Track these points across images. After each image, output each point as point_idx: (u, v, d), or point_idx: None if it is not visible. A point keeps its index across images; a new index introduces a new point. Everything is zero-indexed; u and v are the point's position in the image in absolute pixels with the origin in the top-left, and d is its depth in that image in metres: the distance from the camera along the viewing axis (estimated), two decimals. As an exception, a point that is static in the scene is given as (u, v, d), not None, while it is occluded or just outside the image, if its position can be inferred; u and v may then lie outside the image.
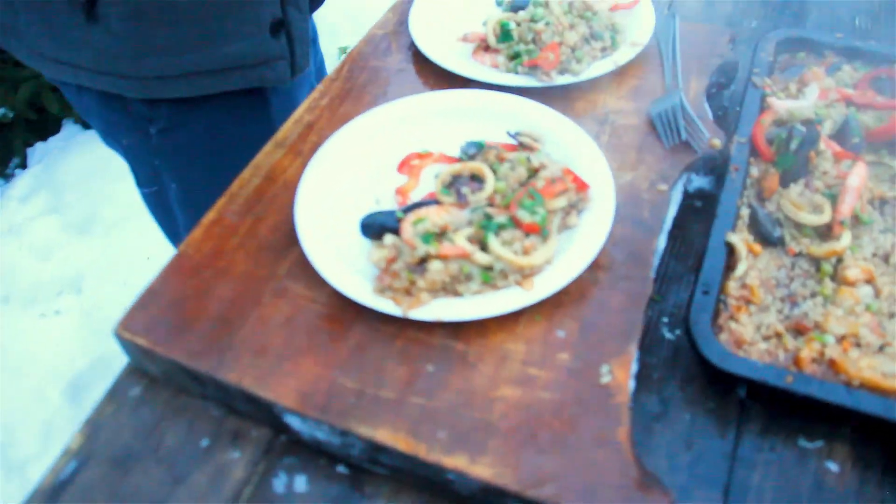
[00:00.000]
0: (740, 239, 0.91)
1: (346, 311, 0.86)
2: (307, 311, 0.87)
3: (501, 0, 1.25)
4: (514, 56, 1.10)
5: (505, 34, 1.11)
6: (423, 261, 0.83)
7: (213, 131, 1.32)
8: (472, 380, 0.79)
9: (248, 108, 1.31)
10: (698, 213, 1.01)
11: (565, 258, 0.85)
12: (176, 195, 1.41)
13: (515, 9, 1.16)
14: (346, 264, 0.88)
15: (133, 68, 1.19)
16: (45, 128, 3.19)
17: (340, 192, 0.97)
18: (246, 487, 0.80)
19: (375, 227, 0.89)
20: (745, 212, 0.95)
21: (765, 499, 0.76)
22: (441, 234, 0.85)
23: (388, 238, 0.87)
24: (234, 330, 0.86)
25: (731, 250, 0.91)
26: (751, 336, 0.85)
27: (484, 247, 0.84)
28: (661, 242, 0.91)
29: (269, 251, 0.93)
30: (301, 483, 0.81)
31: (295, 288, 0.89)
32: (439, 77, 1.13)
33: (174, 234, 1.57)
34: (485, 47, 1.15)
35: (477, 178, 0.91)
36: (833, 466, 0.78)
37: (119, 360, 0.91)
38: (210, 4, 1.17)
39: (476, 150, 0.94)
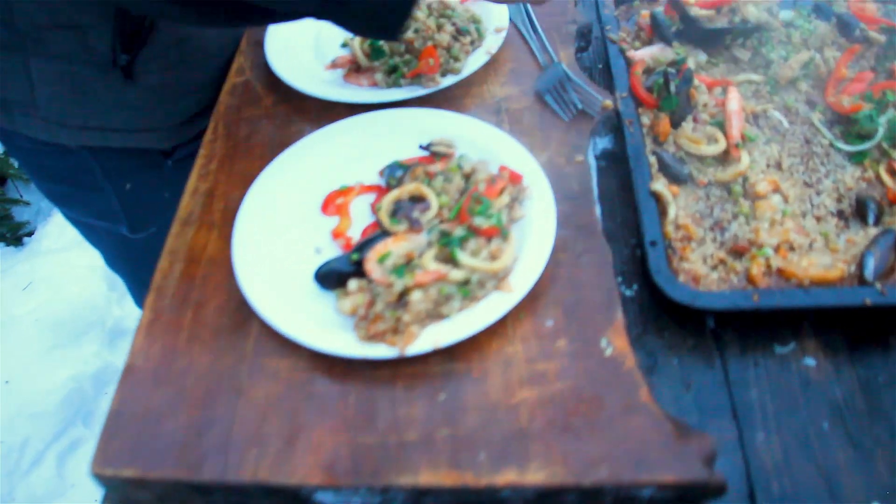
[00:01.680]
0: (662, 185, 0.97)
1: (335, 368, 0.84)
2: (294, 382, 0.83)
3: (350, 18, 1.23)
4: (392, 70, 1.09)
5: (376, 51, 1.10)
6: (402, 294, 0.82)
7: None
8: (487, 394, 0.80)
9: None
10: (606, 171, 1.05)
11: (528, 250, 0.87)
12: None
13: (372, 24, 1.14)
14: (317, 323, 0.84)
15: (166, 118, 1.24)
16: None
17: (277, 253, 0.92)
18: (290, 579, 0.76)
19: (333, 277, 0.87)
20: (651, 160, 1.02)
21: (767, 410, 0.83)
22: (408, 263, 0.84)
23: (353, 283, 0.85)
24: (226, 426, 0.81)
25: (657, 198, 0.97)
26: (703, 270, 0.92)
27: (453, 263, 0.84)
28: (598, 209, 0.95)
29: (225, 335, 0.88)
30: (346, 556, 0.78)
31: (270, 363, 0.85)
32: (322, 109, 1.10)
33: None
34: (356, 68, 1.13)
35: (416, 199, 0.91)
36: (810, 361, 0.87)
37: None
38: (227, 39, 1.28)
39: (402, 171, 0.93)
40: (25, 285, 2.28)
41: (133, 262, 1.53)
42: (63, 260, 2.35)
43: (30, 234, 2.59)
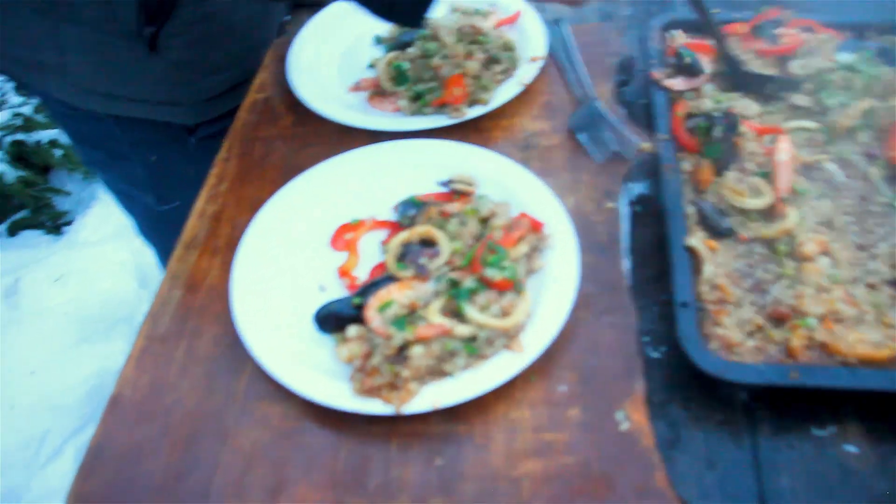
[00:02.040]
0: (699, 240, 0.90)
1: (328, 419, 0.78)
2: (283, 430, 0.78)
3: (380, 38, 1.17)
4: (417, 97, 1.03)
5: (400, 76, 1.04)
6: (402, 348, 0.76)
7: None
8: (488, 462, 0.73)
9: None
10: (641, 217, 0.98)
11: (545, 307, 0.80)
12: None
13: (401, 45, 1.08)
14: (314, 368, 0.79)
15: (190, 94, 1.25)
16: None
17: (278, 287, 0.87)
18: None
19: (332, 321, 0.81)
20: (690, 210, 0.94)
21: (799, 500, 0.75)
22: (411, 313, 0.78)
23: (353, 330, 0.79)
24: (208, 473, 0.76)
25: (692, 254, 0.89)
26: (738, 337, 0.84)
27: (461, 316, 0.78)
28: (626, 263, 0.88)
29: (217, 372, 0.83)
30: None
31: (261, 407, 0.80)
32: (341, 133, 1.05)
33: None
34: (380, 92, 1.07)
35: (428, 242, 0.85)
36: (852, 448, 0.78)
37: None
38: (255, 19, 1.28)
39: (415, 210, 0.87)
40: (58, 277, 2.28)
41: (162, 232, 1.53)
42: (97, 254, 2.36)
43: (69, 223, 2.61)
